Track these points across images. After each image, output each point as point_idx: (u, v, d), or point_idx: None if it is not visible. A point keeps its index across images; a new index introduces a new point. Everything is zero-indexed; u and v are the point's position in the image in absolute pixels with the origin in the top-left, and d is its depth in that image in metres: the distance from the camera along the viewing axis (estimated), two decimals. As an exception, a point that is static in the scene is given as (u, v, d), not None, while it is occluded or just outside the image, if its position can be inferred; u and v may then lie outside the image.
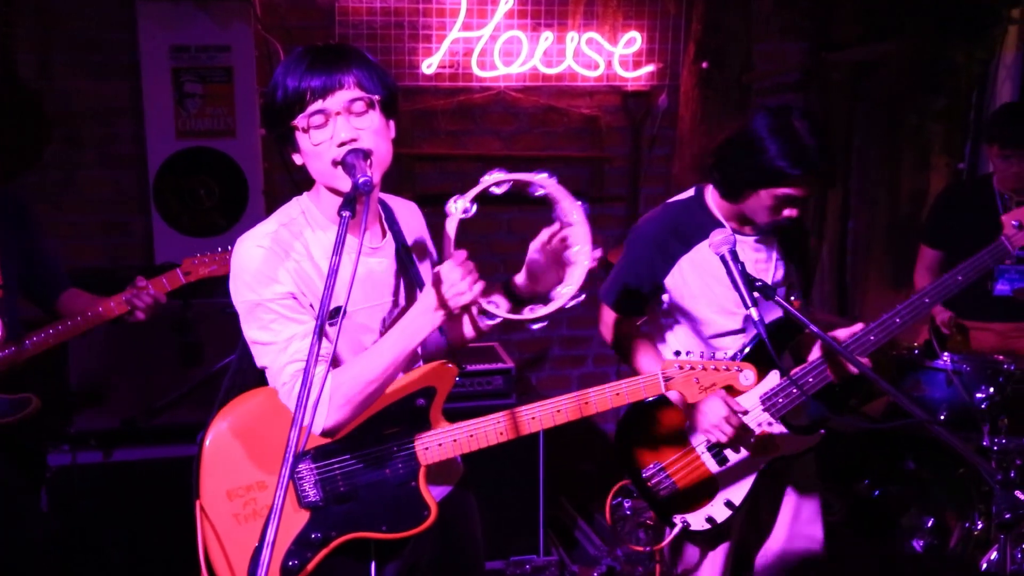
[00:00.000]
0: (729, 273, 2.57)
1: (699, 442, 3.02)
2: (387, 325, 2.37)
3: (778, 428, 2.97)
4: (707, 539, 3.12)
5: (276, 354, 2.21)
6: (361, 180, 2.08)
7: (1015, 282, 4.26)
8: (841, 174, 5.41)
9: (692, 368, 2.46)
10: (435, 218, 5.12)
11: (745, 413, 2.89)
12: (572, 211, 2.29)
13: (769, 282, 2.99)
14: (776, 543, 3.21)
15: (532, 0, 4.82)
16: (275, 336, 2.20)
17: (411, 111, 4.82)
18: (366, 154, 2.18)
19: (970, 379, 3.82)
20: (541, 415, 2.46)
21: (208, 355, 3.88)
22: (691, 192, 3.11)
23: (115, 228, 4.61)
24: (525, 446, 4.29)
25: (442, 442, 2.36)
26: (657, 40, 5.02)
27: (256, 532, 2.34)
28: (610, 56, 4.95)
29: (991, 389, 3.71)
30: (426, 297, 2.20)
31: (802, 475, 3.18)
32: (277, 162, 4.70)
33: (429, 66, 4.76)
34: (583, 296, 2.32)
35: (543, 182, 2.28)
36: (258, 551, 2.31)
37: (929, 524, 3.99)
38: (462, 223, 2.38)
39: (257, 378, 2.38)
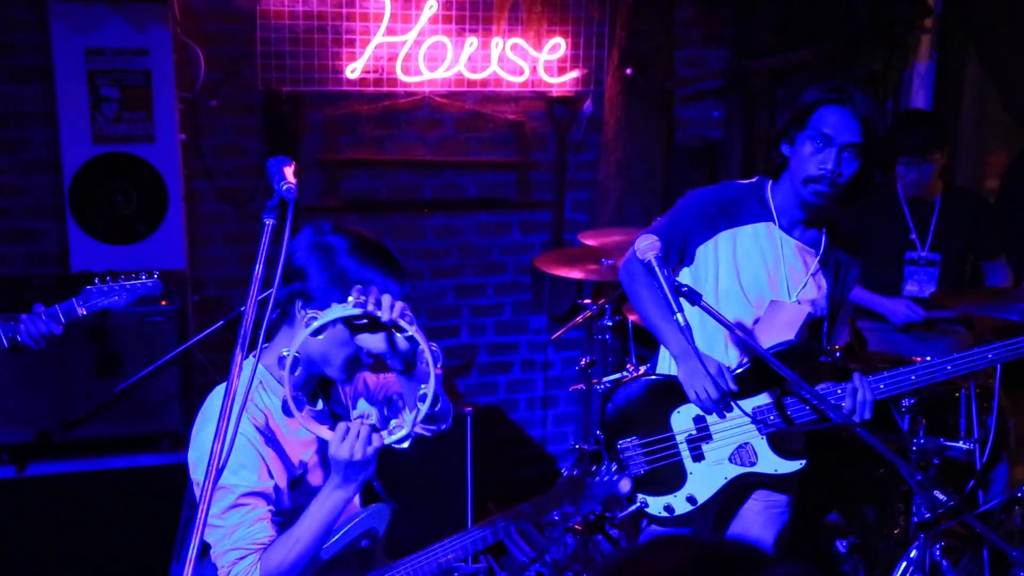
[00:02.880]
0: (656, 279, 2.58)
1: (681, 432, 3.05)
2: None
3: (762, 444, 3.01)
4: (663, 526, 3.15)
5: (221, 538, 2.26)
6: (285, 188, 2.05)
7: (923, 283, 4.37)
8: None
9: None
10: (360, 223, 5.04)
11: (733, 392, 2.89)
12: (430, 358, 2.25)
13: (793, 296, 3.00)
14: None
15: (457, 5, 4.80)
16: (224, 521, 2.25)
17: (335, 116, 4.77)
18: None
19: (889, 381, 3.89)
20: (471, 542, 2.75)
21: (127, 365, 3.79)
22: (755, 179, 3.12)
23: (28, 236, 4.48)
24: (453, 452, 4.27)
25: None
26: (581, 46, 5.04)
27: None
28: (535, 62, 4.96)
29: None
30: (333, 478, 2.26)
31: (775, 498, 3.19)
32: (198, 168, 4.62)
33: (353, 71, 4.71)
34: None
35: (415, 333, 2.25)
36: None
37: (851, 524, 4.06)
38: (388, 229, 2.39)
39: None
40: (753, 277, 2.99)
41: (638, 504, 3.10)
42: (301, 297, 2.27)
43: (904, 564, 3.62)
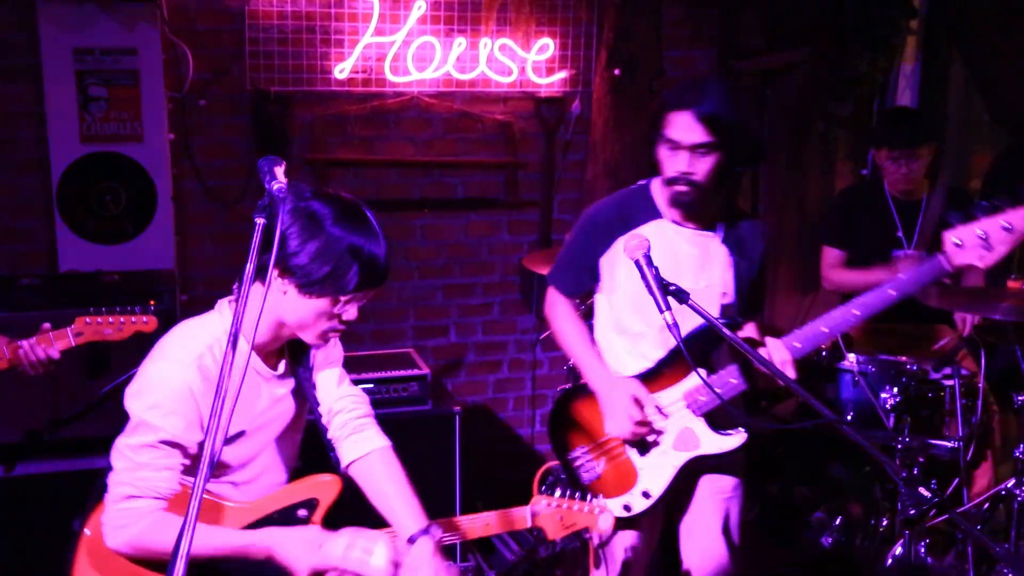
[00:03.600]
0: (644, 278, 2.60)
1: None
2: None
3: (700, 426, 3.05)
4: (623, 525, 3.19)
5: (125, 469, 2.28)
6: (276, 187, 2.05)
7: None
8: (750, 179, 5.52)
9: (559, 507, 2.66)
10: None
11: (660, 417, 2.98)
12: None
13: (701, 283, 3.06)
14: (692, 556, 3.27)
15: (445, 6, 4.81)
16: (134, 455, 2.27)
17: (324, 116, 4.77)
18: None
19: (875, 380, 3.92)
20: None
21: (116, 365, 3.79)
22: (641, 182, 3.20)
23: (16, 235, 4.47)
24: (441, 452, 4.29)
25: None
26: (570, 47, 5.06)
27: None
28: (523, 62, 4.97)
29: (895, 389, 3.81)
30: (281, 542, 2.29)
31: (721, 484, 3.23)
32: (186, 167, 4.62)
33: (342, 71, 4.72)
34: None
35: None
36: None
37: (837, 521, 4.09)
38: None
39: None
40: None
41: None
42: (279, 267, 2.24)
43: (889, 561, 3.66)
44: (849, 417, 3.95)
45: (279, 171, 2.12)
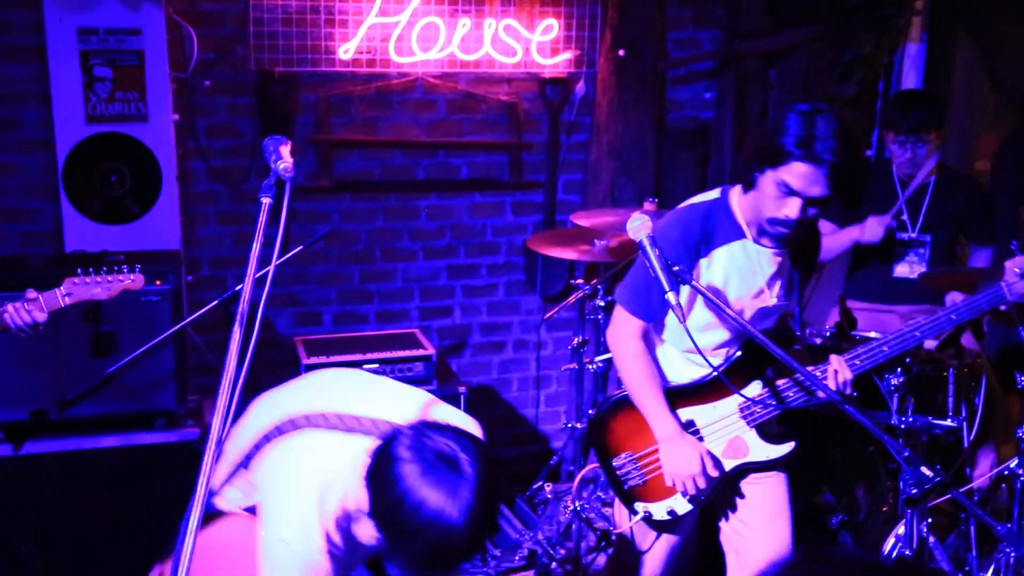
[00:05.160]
0: (647, 257, 2.60)
1: None
2: None
3: (751, 435, 3.07)
4: (665, 528, 3.20)
5: None
6: (282, 167, 2.06)
7: (914, 265, 4.40)
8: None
9: None
10: (353, 204, 5.08)
11: (721, 475, 3.02)
12: None
13: (772, 299, 3.02)
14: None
15: (449, -14, 4.81)
16: None
17: (328, 97, 4.77)
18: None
19: (878, 360, 3.93)
20: None
21: (122, 345, 3.81)
22: (716, 193, 3.03)
23: (22, 215, 4.48)
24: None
25: None
26: (574, 28, 5.05)
27: None
28: (528, 43, 4.96)
29: (898, 370, 3.82)
30: None
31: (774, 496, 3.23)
32: (191, 148, 4.63)
33: (346, 51, 4.72)
34: None
35: None
36: None
37: (841, 501, 4.11)
38: (381, 210, 2.39)
39: None
40: (735, 298, 2.98)
41: (642, 515, 3.12)
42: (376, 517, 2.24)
43: (892, 540, 3.67)
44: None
45: (284, 151, 2.13)
